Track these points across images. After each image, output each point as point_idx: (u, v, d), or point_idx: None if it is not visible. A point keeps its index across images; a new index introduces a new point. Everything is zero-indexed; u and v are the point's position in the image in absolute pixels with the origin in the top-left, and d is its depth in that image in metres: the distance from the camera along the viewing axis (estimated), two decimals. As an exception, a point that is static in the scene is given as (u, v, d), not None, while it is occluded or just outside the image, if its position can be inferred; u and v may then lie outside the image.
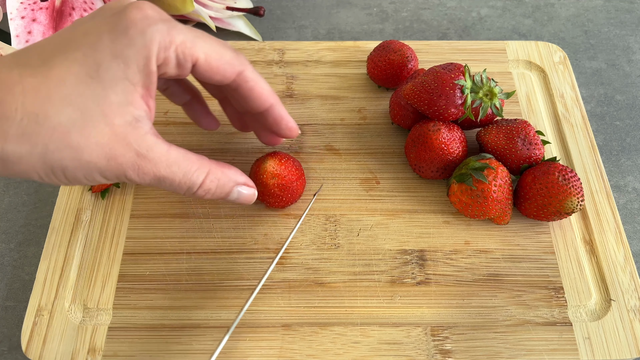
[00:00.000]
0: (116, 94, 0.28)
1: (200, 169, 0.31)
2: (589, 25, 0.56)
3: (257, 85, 0.33)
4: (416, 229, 0.40)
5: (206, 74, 0.31)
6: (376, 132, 0.45)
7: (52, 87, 0.27)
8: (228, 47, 0.32)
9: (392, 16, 0.56)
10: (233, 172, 0.34)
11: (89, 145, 0.28)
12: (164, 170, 0.30)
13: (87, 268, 0.38)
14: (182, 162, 0.31)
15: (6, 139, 0.26)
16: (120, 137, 0.28)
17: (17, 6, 0.44)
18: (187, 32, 0.29)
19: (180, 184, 0.31)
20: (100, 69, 0.27)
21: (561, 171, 0.36)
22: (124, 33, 0.28)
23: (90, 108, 0.27)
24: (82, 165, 0.28)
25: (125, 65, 0.28)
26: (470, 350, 0.35)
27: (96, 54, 0.27)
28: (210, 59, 0.30)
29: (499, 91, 0.38)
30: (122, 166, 0.29)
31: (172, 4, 0.49)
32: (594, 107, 0.49)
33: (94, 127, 0.27)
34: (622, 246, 0.39)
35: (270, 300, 0.37)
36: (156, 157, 0.29)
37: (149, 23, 0.28)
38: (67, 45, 0.28)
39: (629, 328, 0.36)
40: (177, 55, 0.29)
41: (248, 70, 0.32)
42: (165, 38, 0.28)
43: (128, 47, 0.28)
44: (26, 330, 0.35)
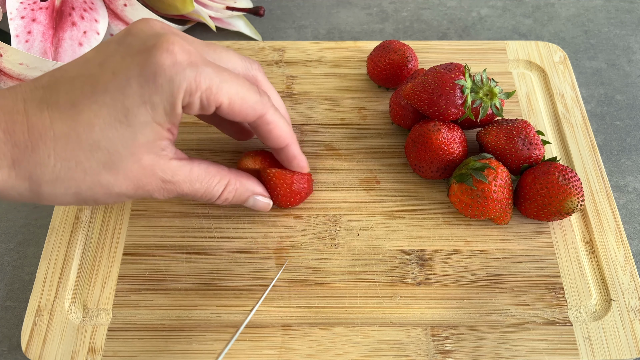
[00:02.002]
0: (144, 136, 0.29)
1: (220, 181, 0.34)
2: (589, 25, 0.56)
3: (276, 128, 0.34)
4: (416, 229, 0.40)
5: (228, 116, 0.32)
6: (376, 132, 0.45)
7: (82, 133, 0.28)
8: (253, 90, 0.32)
9: (392, 16, 0.56)
10: (251, 182, 0.36)
11: (119, 181, 0.29)
12: (188, 188, 0.32)
13: (87, 268, 0.38)
14: (204, 178, 0.33)
15: (40, 184, 0.28)
16: (148, 169, 0.30)
17: (17, 6, 0.44)
18: (214, 76, 0.30)
19: (202, 197, 0.33)
20: (129, 114, 0.28)
21: (561, 171, 0.36)
22: (153, 80, 0.28)
23: (119, 151, 0.29)
24: (112, 196, 0.30)
25: (153, 111, 0.29)
26: (471, 350, 0.35)
27: (125, 100, 0.28)
28: (233, 104, 0.31)
29: (499, 91, 0.38)
30: (149, 192, 0.31)
31: (172, 4, 0.49)
32: (594, 107, 0.49)
33: (123, 166, 0.29)
34: (622, 246, 0.39)
35: (270, 300, 0.37)
36: (180, 179, 0.31)
37: (177, 70, 0.28)
38: (95, 86, 0.28)
39: (629, 328, 0.36)
40: (201, 101, 0.30)
41: (269, 113, 0.33)
42: (191, 85, 0.29)
43: (156, 94, 0.28)
44: (26, 330, 0.35)
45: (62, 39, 0.46)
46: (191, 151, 0.43)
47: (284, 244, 0.39)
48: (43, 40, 0.45)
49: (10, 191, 0.28)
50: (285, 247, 0.39)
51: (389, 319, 0.36)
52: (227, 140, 0.44)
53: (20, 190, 0.28)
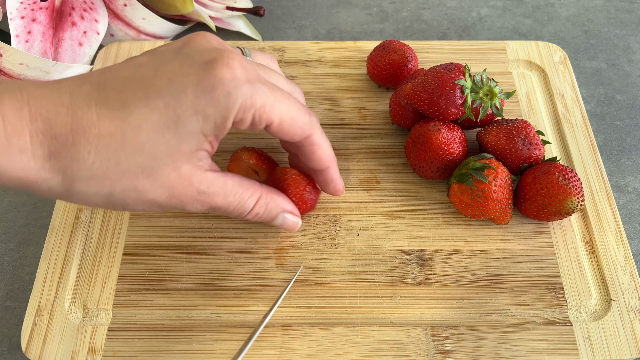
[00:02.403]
0: (189, 145, 0.29)
1: (252, 195, 0.33)
2: (589, 25, 0.56)
3: (320, 149, 0.34)
4: (416, 229, 0.40)
5: (276, 134, 0.32)
6: (376, 132, 0.45)
7: (128, 135, 0.27)
8: (303, 111, 0.32)
9: (392, 16, 0.56)
10: (281, 199, 0.35)
11: (154, 187, 0.29)
12: (221, 201, 0.31)
13: (87, 268, 0.38)
14: (237, 191, 0.32)
15: (74, 180, 0.27)
16: (185, 178, 0.29)
17: (17, 6, 0.44)
18: (268, 95, 0.30)
19: (234, 211, 0.33)
20: (179, 122, 0.28)
21: (561, 171, 0.36)
22: (210, 92, 0.28)
23: (161, 157, 0.28)
24: (144, 203, 0.29)
25: (204, 122, 0.28)
26: (471, 350, 0.35)
27: (178, 107, 0.28)
28: (283, 123, 0.31)
29: (499, 91, 0.38)
30: (183, 202, 0.30)
31: (172, 4, 0.49)
32: (594, 107, 0.49)
33: (161, 173, 0.28)
34: (622, 246, 0.39)
35: (270, 300, 0.37)
36: (215, 191, 0.31)
37: (235, 85, 0.28)
38: (150, 89, 0.28)
39: (629, 328, 0.36)
40: (253, 117, 0.29)
41: (316, 135, 0.33)
42: (247, 101, 0.29)
43: (210, 106, 0.28)
44: (26, 330, 0.35)
45: (62, 39, 0.46)
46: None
47: (284, 244, 0.39)
48: (43, 40, 0.45)
49: (42, 184, 0.27)
50: (285, 247, 0.39)
51: (389, 319, 0.36)
52: (227, 139, 0.44)
53: (51, 184, 0.27)
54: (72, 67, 0.45)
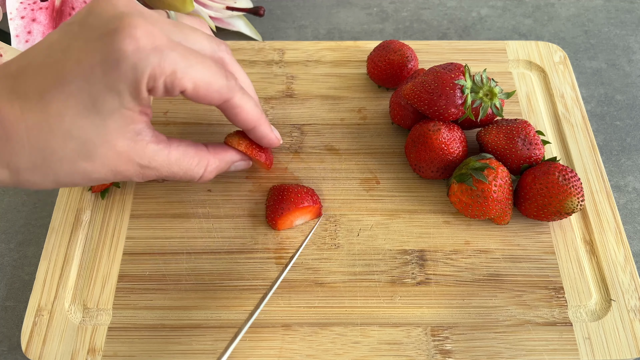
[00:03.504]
0: (115, 121, 0.29)
1: (200, 162, 0.34)
2: (589, 25, 0.56)
3: (242, 111, 0.34)
4: (416, 229, 0.40)
5: (193, 100, 0.32)
6: (376, 132, 0.45)
7: (53, 123, 0.28)
8: (220, 74, 0.32)
9: (392, 16, 0.56)
10: (229, 154, 0.37)
11: (96, 168, 0.30)
12: (166, 172, 0.33)
13: (87, 268, 0.38)
14: (183, 161, 0.33)
15: (19, 172, 0.29)
16: (124, 155, 0.30)
17: (17, 6, 0.44)
18: (179, 60, 0.29)
19: (182, 178, 0.34)
20: (97, 102, 0.28)
21: (561, 171, 0.36)
22: (116, 67, 0.28)
23: (92, 138, 0.29)
24: (92, 181, 0.31)
25: (120, 97, 0.29)
26: (470, 350, 0.35)
27: (90, 88, 0.28)
28: (198, 88, 0.31)
29: (499, 91, 0.38)
30: (128, 176, 0.32)
31: (172, 4, 0.49)
32: (594, 107, 0.49)
33: (98, 153, 0.29)
34: (622, 246, 0.39)
35: (270, 300, 0.37)
36: (157, 164, 0.32)
37: (140, 57, 0.28)
38: (61, 75, 0.28)
39: (629, 328, 0.36)
40: (165, 85, 0.29)
41: (236, 97, 0.33)
42: (155, 70, 0.28)
43: (120, 82, 0.28)
44: (26, 330, 0.35)
45: (62, 39, 0.46)
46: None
47: (283, 244, 0.39)
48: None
49: None
50: (285, 247, 0.39)
51: (389, 319, 0.36)
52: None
53: (1, 177, 0.29)
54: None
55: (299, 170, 0.43)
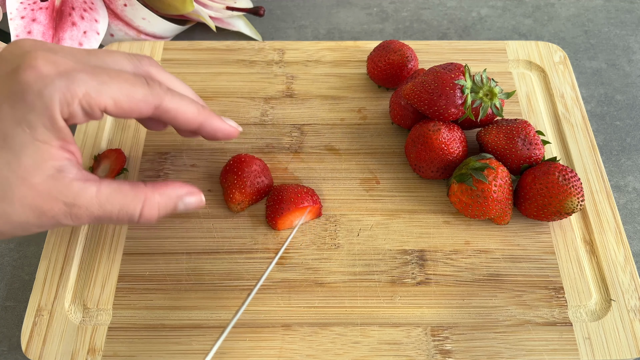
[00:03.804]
0: (29, 157, 0.28)
1: (135, 199, 0.31)
2: (589, 25, 0.56)
3: (178, 112, 0.32)
4: (416, 229, 0.40)
5: (120, 115, 0.30)
6: (376, 132, 0.45)
7: None
8: (139, 83, 0.30)
9: (392, 16, 0.56)
10: (171, 188, 0.33)
11: (16, 210, 0.28)
12: (98, 210, 0.30)
13: (87, 268, 0.38)
14: (115, 199, 0.30)
15: None
16: (44, 193, 0.28)
17: (17, 6, 0.44)
18: (89, 80, 0.28)
19: (119, 218, 0.31)
20: (8, 138, 0.27)
21: (561, 171, 0.36)
22: (22, 99, 0.27)
23: (6, 176, 0.27)
24: (15, 227, 0.28)
25: (31, 130, 0.27)
26: (470, 350, 0.35)
27: (0, 125, 0.27)
28: (120, 103, 0.29)
29: (499, 91, 0.38)
30: (55, 218, 0.29)
31: (172, 4, 0.49)
32: (594, 107, 0.49)
33: (15, 192, 0.28)
34: (622, 246, 0.39)
35: (270, 300, 0.37)
36: (86, 201, 0.29)
37: (45, 83, 0.27)
38: None
39: (629, 328, 0.36)
40: (82, 108, 0.28)
41: (165, 100, 0.31)
42: (65, 94, 0.27)
43: (29, 113, 0.27)
44: (26, 330, 0.35)
45: (62, 39, 0.46)
46: (191, 151, 0.43)
47: (283, 244, 0.39)
48: (43, 40, 0.45)
49: None
50: (285, 247, 0.39)
51: (389, 319, 0.36)
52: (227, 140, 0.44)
53: None
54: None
55: (299, 170, 0.43)
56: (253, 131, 0.45)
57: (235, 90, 0.47)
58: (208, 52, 0.49)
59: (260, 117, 0.45)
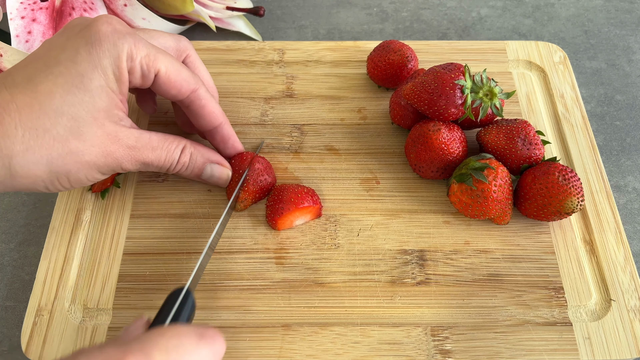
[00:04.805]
0: (102, 100, 0.31)
1: (178, 146, 0.36)
2: (589, 25, 0.56)
3: (208, 103, 0.36)
4: (416, 229, 0.40)
5: (164, 87, 0.34)
6: (376, 132, 0.45)
7: (43, 101, 0.29)
8: (185, 66, 0.35)
9: (392, 16, 0.56)
10: (206, 150, 0.38)
11: (87, 148, 0.31)
12: (151, 154, 0.34)
13: (87, 268, 0.38)
14: (163, 143, 0.35)
15: (12, 156, 0.29)
16: (112, 136, 0.32)
17: (17, 6, 0.44)
18: (150, 46, 0.33)
19: (165, 162, 0.35)
20: (84, 79, 0.30)
21: (561, 171, 0.36)
22: (99, 45, 0.31)
23: (82, 116, 0.30)
24: (83, 167, 0.31)
25: (105, 75, 0.31)
26: (470, 350, 0.35)
27: (77, 66, 0.30)
28: (169, 73, 0.34)
29: (499, 91, 0.38)
30: (118, 160, 0.33)
31: (172, 4, 0.49)
32: (594, 107, 0.49)
33: (88, 131, 0.31)
34: (622, 246, 0.39)
35: (270, 300, 0.37)
36: (142, 145, 0.33)
37: (119, 36, 0.31)
38: (48, 61, 0.30)
39: (629, 328, 0.36)
40: (141, 66, 0.32)
41: (202, 89, 0.36)
42: (132, 49, 0.32)
43: (104, 58, 0.31)
44: (26, 330, 0.35)
45: (62, 39, 0.46)
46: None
47: (284, 244, 0.39)
48: (43, 40, 0.45)
49: None
50: (285, 247, 0.39)
51: (389, 319, 0.36)
52: None
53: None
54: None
55: (299, 170, 0.43)
56: (253, 131, 0.45)
57: (235, 90, 0.47)
58: (208, 52, 0.49)
59: (260, 117, 0.45)
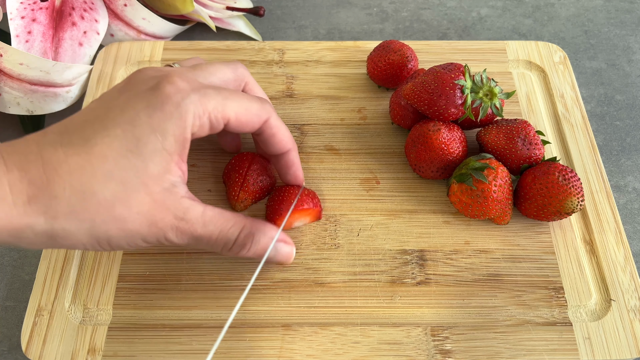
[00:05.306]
0: (155, 165, 0.29)
1: (235, 225, 0.33)
2: (589, 25, 0.56)
3: (279, 131, 0.35)
4: (416, 229, 0.40)
5: (237, 129, 0.33)
6: (376, 132, 0.45)
7: (96, 164, 0.28)
8: (254, 99, 0.34)
9: (392, 16, 0.56)
10: (269, 228, 0.34)
11: (132, 215, 0.29)
12: (201, 229, 0.31)
13: (87, 268, 0.38)
14: (218, 221, 0.32)
15: (56, 218, 0.28)
16: (159, 203, 0.30)
17: (17, 6, 0.44)
18: (216, 96, 0.31)
19: (217, 241, 0.32)
20: (140, 143, 0.29)
21: (561, 171, 0.36)
22: (161, 108, 0.29)
23: (131, 180, 0.29)
24: (126, 234, 0.29)
25: (163, 138, 0.29)
26: (470, 350, 0.35)
27: (135, 130, 0.29)
28: (240, 116, 0.32)
29: (499, 91, 0.38)
30: (162, 230, 0.30)
31: (172, 4, 0.49)
32: (594, 107, 0.49)
33: (135, 197, 0.29)
34: (622, 246, 0.39)
35: (270, 300, 0.37)
36: (193, 218, 0.31)
37: (183, 96, 0.30)
38: (106, 122, 0.29)
39: (629, 328, 0.36)
40: (210, 121, 0.31)
41: (272, 118, 0.35)
42: (198, 108, 0.30)
43: (165, 121, 0.29)
44: (26, 330, 0.35)
45: (62, 39, 0.46)
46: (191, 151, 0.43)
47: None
48: (43, 40, 0.45)
49: (26, 230, 0.27)
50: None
51: (389, 319, 0.36)
52: None
53: (35, 228, 0.27)
54: (72, 67, 0.45)
55: (299, 170, 0.43)
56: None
57: (235, 90, 0.47)
58: (208, 52, 0.49)
59: (260, 117, 0.45)
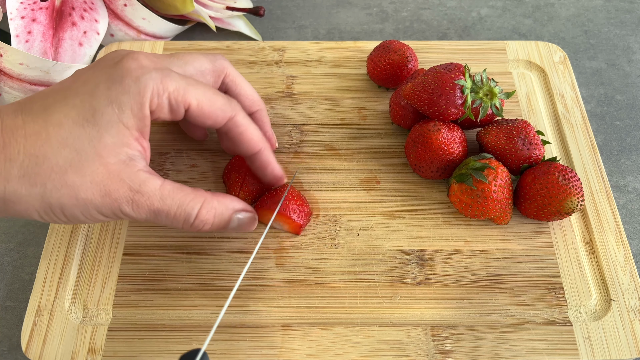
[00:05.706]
0: (111, 136, 0.29)
1: (195, 199, 0.32)
2: (589, 25, 0.56)
3: (247, 130, 0.34)
4: (416, 229, 0.40)
5: (198, 119, 0.33)
6: (376, 132, 0.45)
7: (51, 131, 0.29)
8: (220, 94, 0.33)
9: (392, 16, 0.56)
10: (229, 200, 0.34)
11: (85, 183, 0.29)
12: (158, 203, 0.31)
13: (87, 268, 0.38)
14: (176, 194, 0.31)
15: (8, 180, 0.28)
16: (114, 174, 0.30)
17: (17, 6, 0.44)
18: (179, 80, 0.31)
19: (176, 215, 0.32)
20: (96, 113, 0.29)
21: (561, 171, 0.36)
22: (120, 81, 0.30)
23: (85, 149, 0.29)
24: (78, 203, 0.29)
25: (120, 110, 0.30)
26: (470, 350, 0.35)
27: (92, 100, 0.29)
28: (202, 105, 0.32)
29: (499, 91, 0.38)
30: (117, 201, 0.30)
31: (172, 4, 0.49)
32: (594, 107, 0.49)
33: (89, 166, 0.29)
34: (622, 246, 0.39)
35: (270, 300, 0.37)
36: (149, 190, 0.30)
37: (143, 72, 0.30)
38: (67, 93, 0.30)
39: (629, 328, 0.36)
40: (169, 102, 0.31)
41: (239, 116, 0.34)
42: (158, 85, 0.30)
43: (122, 94, 0.30)
44: (26, 330, 0.35)
45: (62, 39, 0.46)
46: (191, 151, 0.43)
47: (284, 244, 0.39)
48: (43, 40, 0.45)
49: None
50: (285, 247, 0.39)
51: (389, 319, 0.36)
52: None
53: None
54: (72, 67, 0.45)
55: (299, 170, 0.43)
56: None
57: (235, 90, 0.47)
58: (208, 52, 0.49)
59: (260, 117, 0.45)
